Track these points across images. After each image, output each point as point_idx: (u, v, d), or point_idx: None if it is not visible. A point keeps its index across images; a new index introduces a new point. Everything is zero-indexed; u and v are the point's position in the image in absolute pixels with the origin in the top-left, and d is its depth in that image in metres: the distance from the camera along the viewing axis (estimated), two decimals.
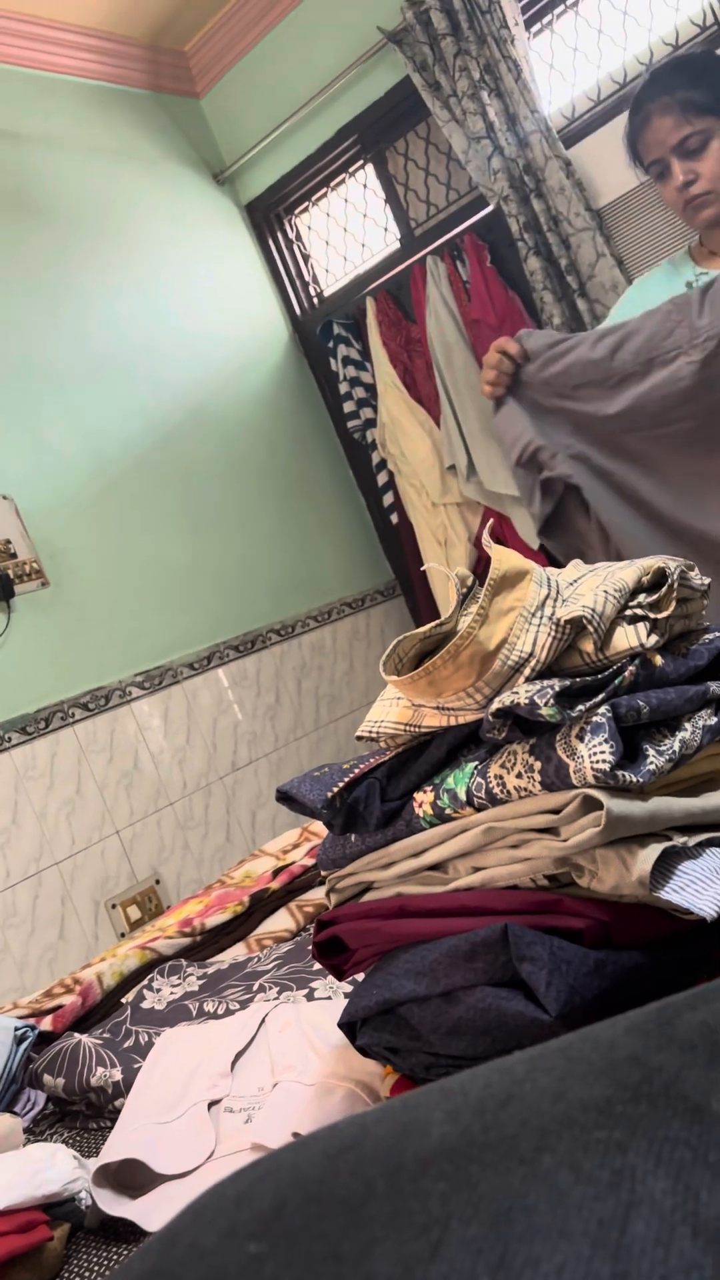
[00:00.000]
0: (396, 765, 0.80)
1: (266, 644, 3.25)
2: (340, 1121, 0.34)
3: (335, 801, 0.78)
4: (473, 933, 0.68)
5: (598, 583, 0.76)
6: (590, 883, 0.68)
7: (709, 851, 0.68)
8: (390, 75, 3.24)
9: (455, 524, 3.43)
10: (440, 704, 0.76)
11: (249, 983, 1.18)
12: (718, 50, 2.64)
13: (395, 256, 3.45)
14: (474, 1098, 0.33)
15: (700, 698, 0.73)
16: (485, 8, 2.90)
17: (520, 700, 0.68)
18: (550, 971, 0.64)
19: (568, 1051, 0.37)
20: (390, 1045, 0.76)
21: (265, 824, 3.07)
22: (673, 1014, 0.37)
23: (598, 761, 0.65)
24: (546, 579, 0.79)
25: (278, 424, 3.54)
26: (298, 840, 1.80)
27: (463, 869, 0.75)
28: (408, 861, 0.77)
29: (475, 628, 0.72)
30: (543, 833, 0.69)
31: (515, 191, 2.96)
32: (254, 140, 3.51)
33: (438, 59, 3.01)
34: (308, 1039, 0.95)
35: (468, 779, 0.73)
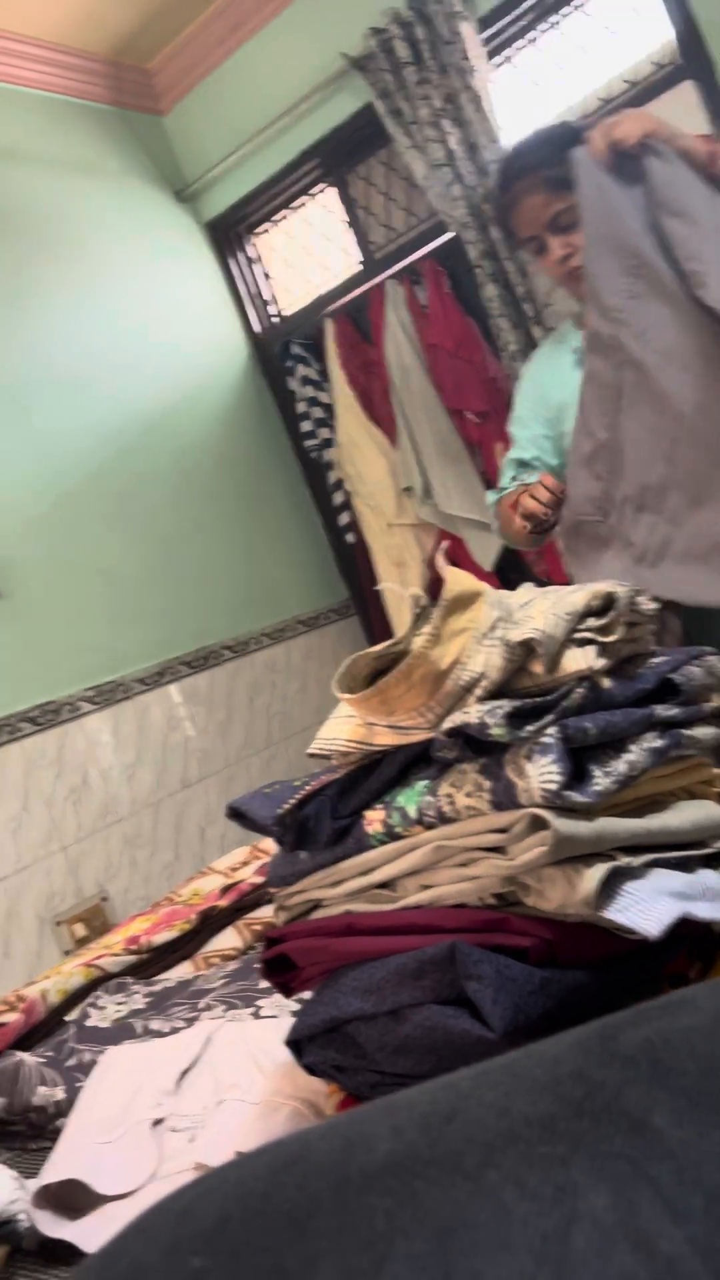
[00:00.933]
0: (348, 783, 0.80)
1: (219, 660, 3.24)
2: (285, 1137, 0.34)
3: (286, 818, 0.78)
4: (420, 951, 0.69)
5: (548, 606, 0.77)
6: (536, 902, 0.69)
7: (653, 872, 0.69)
8: (353, 101, 3.27)
9: (410, 545, 3.45)
10: (392, 722, 0.77)
11: (195, 1001, 1.17)
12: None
13: (355, 279, 3.47)
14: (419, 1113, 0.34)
15: (646, 720, 0.74)
16: (448, 39, 2.94)
17: (471, 720, 0.68)
18: (496, 990, 0.64)
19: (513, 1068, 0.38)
20: (336, 1063, 0.76)
21: (214, 841, 3.05)
22: (616, 1030, 0.37)
23: (546, 782, 0.66)
24: (499, 601, 0.80)
25: (235, 441, 3.54)
26: (247, 858, 1.79)
27: (411, 887, 0.75)
28: (357, 879, 0.77)
29: (428, 648, 0.73)
30: (491, 852, 0.70)
31: (474, 219, 3.00)
32: (217, 159, 3.53)
33: (400, 87, 3.05)
34: (253, 1057, 0.94)
35: (418, 797, 0.74)
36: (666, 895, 0.67)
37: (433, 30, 2.96)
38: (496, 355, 3.14)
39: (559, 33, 2.99)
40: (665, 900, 0.66)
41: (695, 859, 0.75)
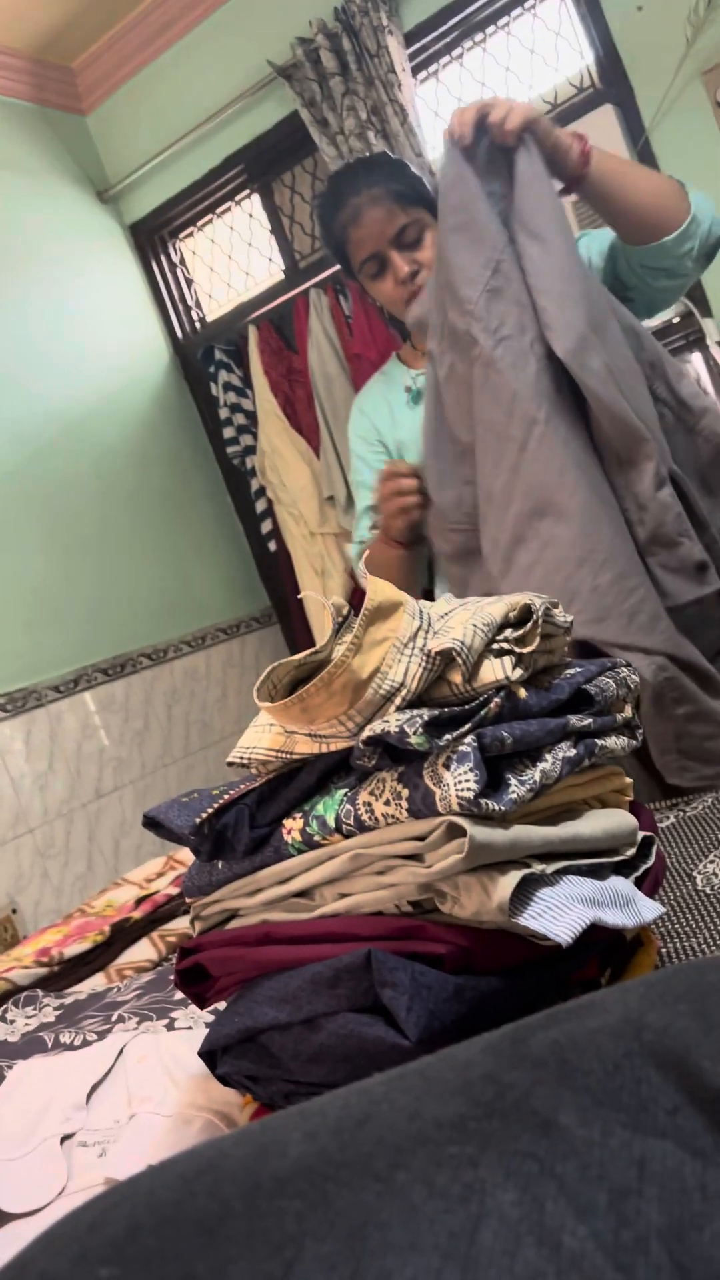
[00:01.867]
0: (267, 792, 0.80)
1: (137, 668, 3.20)
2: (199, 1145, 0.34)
3: (203, 827, 0.77)
4: (336, 959, 0.69)
5: (467, 617, 0.78)
6: (452, 909, 0.69)
7: (565, 879, 0.70)
8: (279, 109, 3.28)
9: (332, 553, 3.46)
10: (312, 731, 0.77)
11: (108, 1013, 1.15)
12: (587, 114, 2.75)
13: (279, 287, 3.48)
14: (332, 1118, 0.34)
15: (560, 730, 0.76)
16: (374, 52, 2.97)
17: (390, 729, 0.69)
18: (411, 997, 0.65)
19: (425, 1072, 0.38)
20: (250, 1073, 0.75)
21: (129, 852, 3.01)
22: (526, 1033, 0.38)
23: (462, 790, 0.66)
24: (419, 611, 0.80)
25: (155, 446, 3.51)
26: (162, 869, 1.77)
27: (329, 895, 0.75)
28: (274, 888, 0.77)
29: (349, 657, 0.73)
30: (408, 859, 0.70)
31: None
32: (140, 161, 3.50)
33: (326, 97, 3.07)
34: (167, 1070, 0.93)
35: (337, 806, 0.74)
36: (578, 902, 0.68)
37: (359, 43, 2.99)
38: None
39: (483, 51, 3.04)
40: (577, 907, 0.67)
41: (606, 866, 0.76)
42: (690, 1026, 0.34)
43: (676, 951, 0.86)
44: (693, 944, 0.86)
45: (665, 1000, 0.37)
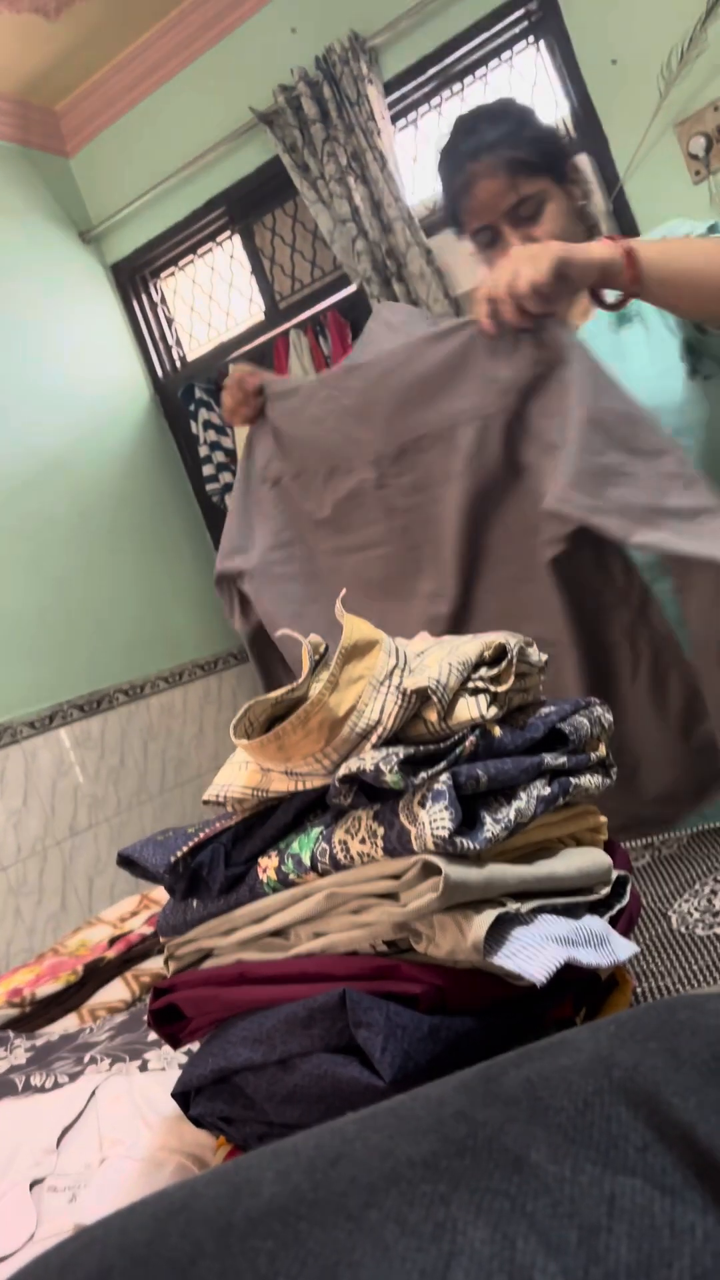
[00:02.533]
0: (242, 830, 0.80)
1: (114, 704, 3.19)
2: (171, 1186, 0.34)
3: (178, 866, 0.77)
4: (311, 999, 0.69)
5: (443, 655, 0.79)
6: (427, 948, 0.69)
7: (540, 918, 0.71)
8: (261, 153, 3.33)
9: None
10: (288, 769, 0.77)
11: (80, 1054, 1.14)
12: None
13: (259, 327, 3.51)
14: (305, 1158, 0.34)
15: (535, 769, 0.76)
16: (354, 100, 3.02)
17: (366, 767, 0.69)
18: (385, 1037, 0.65)
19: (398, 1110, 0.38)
20: (224, 1115, 0.75)
21: (103, 891, 2.98)
22: (499, 1071, 0.38)
23: (437, 828, 0.67)
24: (395, 649, 0.81)
25: (135, 482, 3.52)
26: (136, 908, 1.75)
27: (304, 935, 0.75)
28: (249, 928, 0.77)
29: (326, 694, 0.74)
30: (383, 898, 0.70)
31: (377, 274, 3.07)
32: (123, 203, 3.54)
33: (307, 142, 3.12)
34: (139, 1112, 0.92)
35: (313, 844, 0.74)
36: (552, 941, 0.68)
37: (339, 91, 3.05)
38: None
39: (461, 100, 3.11)
40: (551, 946, 0.67)
41: (581, 905, 0.76)
42: (660, 1064, 0.34)
43: (651, 990, 0.86)
44: (667, 983, 0.86)
45: (636, 1038, 0.37)
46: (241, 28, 3.28)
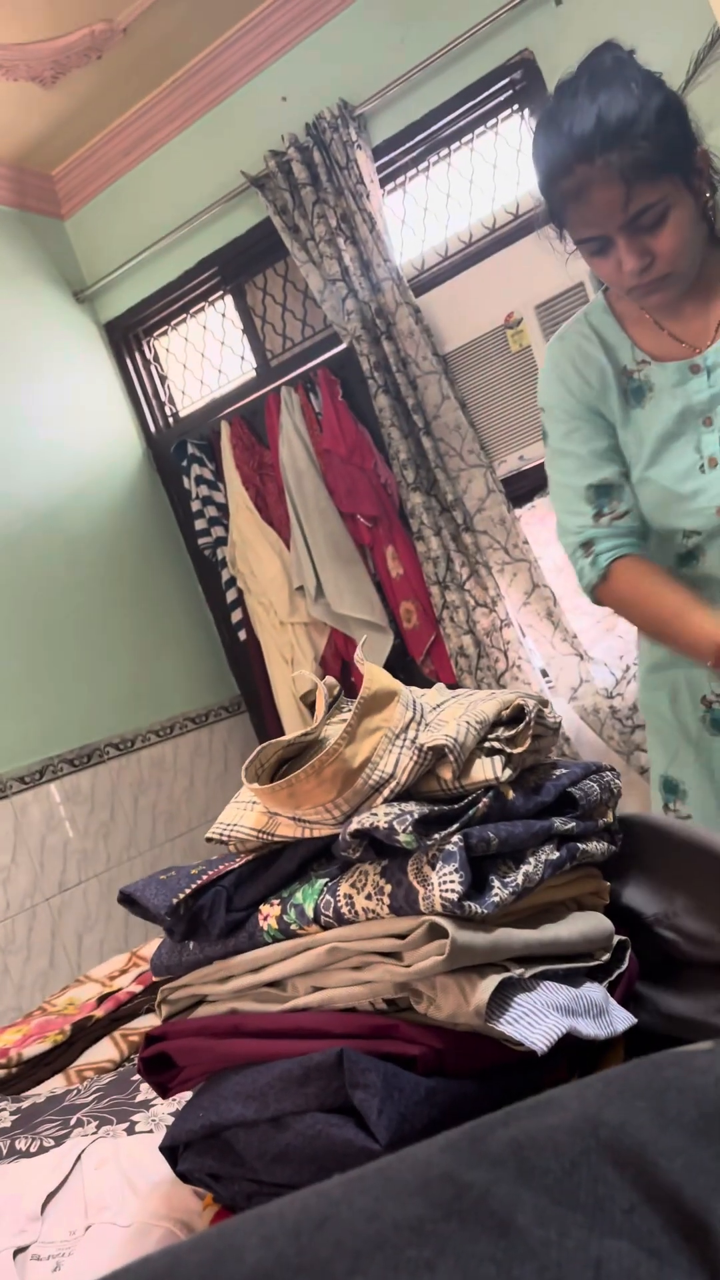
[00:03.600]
0: (246, 874, 0.79)
1: (104, 758, 3.17)
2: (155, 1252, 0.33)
3: (180, 908, 0.76)
4: (307, 1056, 0.68)
5: (460, 712, 0.79)
6: (428, 1009, 0.69)
7: (543, 985, 0.70)
8: (252, 215, 3.40)
9: (302, 642, 3.47)
10: (297, 815, 0.76)
11: (66, 1117, 1.12)
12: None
13: (250, 384, 3.55)
14: (290, 1221, 0.33)
15: (545, 833, 0.76)
16: (343, 164, 3.09)
17: (380, 824, 0.69)
18: (383, 1100, 0.64)
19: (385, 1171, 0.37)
20: (213, 1171, 0.73)
21: (93, 948, 2.94)
22: (485, 1131, 0.38)
23: (447, 891, 0.66)
24: (412, 702, 0.81)
25: (128, 537, 3.54)
26: (125, 965, 1.73)
27: (302, 987, 0.74)
28: (246, 977, 0.76)
29: (342, 745, 0.73)
30: (386, 957, 0.70)
31: (367, 332, 3.12)
32: (116, 264, 3.60)
33: (297, 205, 3.18)
34: (126, 1176, 0.90)
35: (316, 896, 0.73)
36: (554, 1009, 0.67)
37: (329, 155, 3.12)
38: (388, 463, 3.23)
39: (448, 165, 3.18)
40: (553, 1015, 0.66)
41: (581, 971, 0.76)
42: (646, 1123, 0.34)
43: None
44: None
45: (623, 1097, 0.37)
46: (233, 96, 3.36)
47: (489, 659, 3.11)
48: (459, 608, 3.11)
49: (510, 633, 3.09)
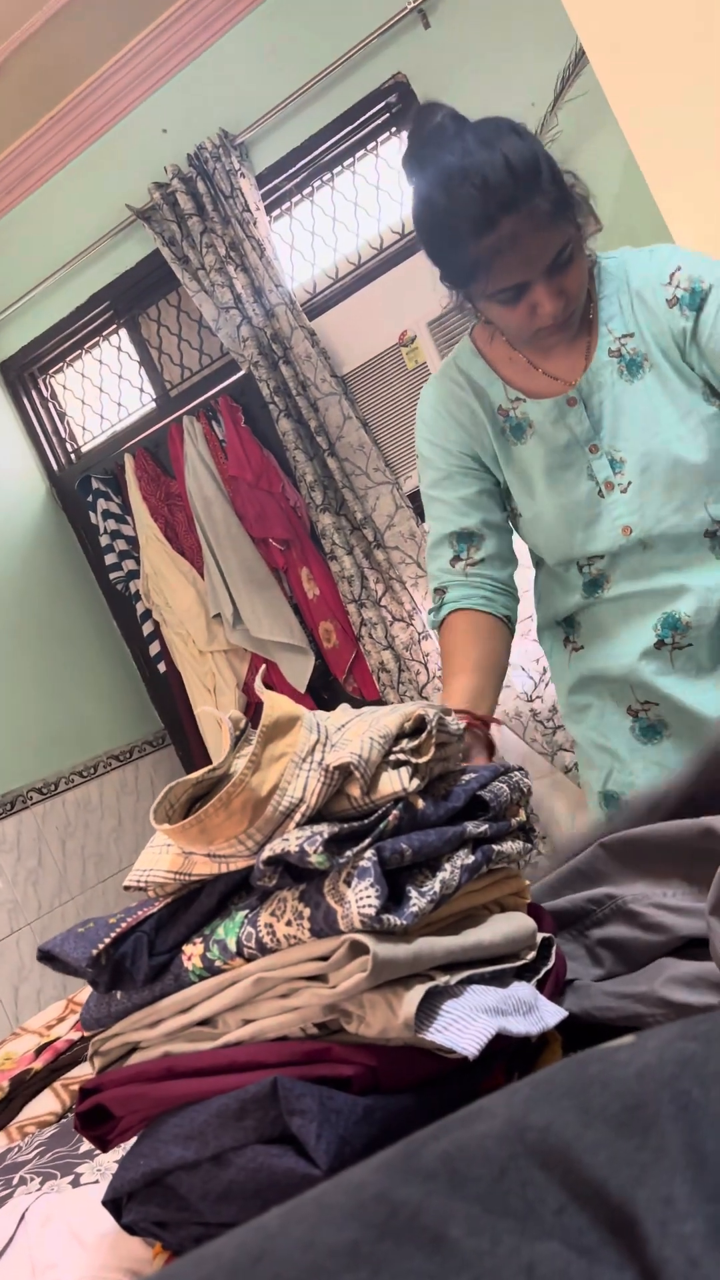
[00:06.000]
0: (166, 916, 0.78)
1: (27, 804, 3.10)
2: None
3: (101, 959, 0.75)
4: (242, 1090, 0.67)
5: (364, 729, 0.79)
6: (358, 1028, 0.69)
7: (470, 989, 0.70)
8: (141, 247, 3.39)
9: (223, 670, 3.45)
10: (211, 851, 0.76)
11: (9, 1176, 1.09)
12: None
13: (151, 416, 3.54)
14: (227, 1260, 0.33)
15: (458, 838, 0.76)
16: (228, 193, 3.11)
17: (290, 848, 0.69)
18: (320, 1124, 0.63)
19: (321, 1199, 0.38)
20: (158, 1219, 0.72)
21: (29, 999, 2.87)
22: (418, 1146, 0.38)
23: (364, 906, 0.66)
24: (316, 725, 0.81)
25: (35, 577, 3.48)
26: (62, 1013, 1.69)
27: (233, 1022, 0.74)
28: (176, 1018, 0.75)
29: (248, 775, 0.73)
30: (312, 981, 0.70)
31: (264, 358, 3.13)
32: (6, 303, 3.55)
33: (185, 235, 3.19)
34: (73, 1231, 0.88)
35: (238, 929, 0.73)
36: (482, 1012, 0.68)
37: (213, 185, 3.13)
38: (295, 485, 3.24)
39: (332, 188, 3.22)
40: (481, 1018, 0.67)
41: (509, 972, 0.76)
42: (571, 1121, 0.35)
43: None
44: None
45: (549, 1098, 0.37)
46: (114, 130, 3.35)
47: (410, 672, 3.13)
48: (377, 624, 3.12)
49: (429, 645, 3.12)
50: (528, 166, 1.26)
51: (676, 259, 1.43)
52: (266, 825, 0.73)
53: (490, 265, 1.30)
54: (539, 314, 1.35)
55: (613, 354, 1.46)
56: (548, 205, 1.28)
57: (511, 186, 1.25)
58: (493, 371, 1.52)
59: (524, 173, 1.26)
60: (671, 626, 1.47)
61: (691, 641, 1.47)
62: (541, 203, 1.27)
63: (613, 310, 1.46)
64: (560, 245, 1.31)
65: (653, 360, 1.43)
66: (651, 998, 0.87)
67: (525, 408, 1.50)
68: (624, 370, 1.45)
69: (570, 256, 1.33)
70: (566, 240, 1.32)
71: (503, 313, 1.38)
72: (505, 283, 1.32)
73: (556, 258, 1.31)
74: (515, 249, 1.28)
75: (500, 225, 1.26)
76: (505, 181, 1.25)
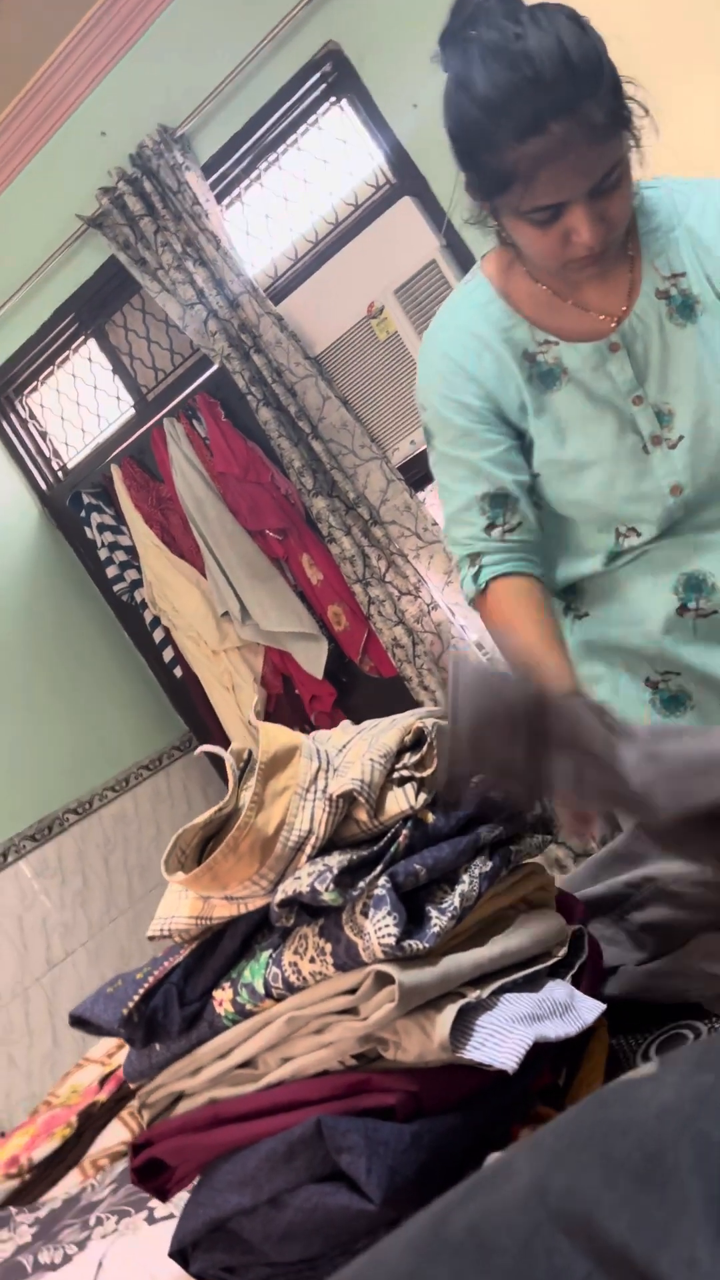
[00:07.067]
0: (192, 963, 0.78)
1: (64, 826, 3.12)
2: None
3: (132, 1017, 0.75)
4: (288, 1132, 0.67)
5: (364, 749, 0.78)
6: (396, 1054, 0.68)
7: (502, 1000, 0.70)
8: (97, 255, 3.35)
9: (239, 667, 3.45)
10: (228, 894, 0.76)
11: (85, 1217, 1.10)
12: None
13: (132, 422, 3.51)
14: None
15: (472, 847, 0.75)
16: (175, 189, 3.06)
17: (302, 888, 0.68)
18: (369, 1158, 0.63)
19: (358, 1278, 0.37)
20: (226, 1265, 0.72)
21: None
22: (445, 1214, 0.37)
23: (384, 936, 0.66)
24: (315, 751, 0.80)
25: (40, 600, 3.48)
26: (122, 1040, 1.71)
27: (272, 1062, 0.73)
28: (216, 1064, 0.75)
29: (252, 816, 0.73)
30: (343, 1014, 0.69)
31: (235, 349, 3.09)
32: None
33: (139, 238, 3.15)
34: (150, 1273, 0.89)
35: (263, 970, 0.72)
36: (518, 1022, 0.67)
37: (160, 183, 3.08)
38: (284, 473, 3.22)
39: (279, 168, 3.16)
40: (517, 1029, 0.66)
41: (542, 972, 0.75)
42: (593, 1181, 0.34)
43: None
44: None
45: (571, 1150, 0.36)
46: (52, 140, 3.30)
47: (424, 644, 3.11)
48: (384, 601, 3.11)
49: (439, 614, 3.10)
50: (589, 63, 1.08)
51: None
52: (278, 863, 0.72)
53: (530, 175, 1.11)
54: (574, 241, 1.17)
55: (660, 294, 1.29)
56: (604, 114, 1.09)
57: (568, 84, 1.07)
58: (514, 310, 1.33)
59: (584, 70, 1.07)
60: (695, 589, 1.35)
61: (717, 608, 1.35)
62: (597, 110, 1.08)
63: (660, 245, 1.29)
64: (611, 164, 1.13)
65: (706, 303, 1.28)
66: (693, 971, 0.86)
67: (558, 351, 1.31)
68: (674, 313, 1.29)
69: (618, 179, 1.15)
70: (618, 159, 1.14)
71: (533, 234, 1.19)
72: (544, 199, 1.13)
73: (605, 179, 1.13)
74: (561, 160, 1.09)
75: (549, 129, 1.08)
76: (562, 77, 1.06)
